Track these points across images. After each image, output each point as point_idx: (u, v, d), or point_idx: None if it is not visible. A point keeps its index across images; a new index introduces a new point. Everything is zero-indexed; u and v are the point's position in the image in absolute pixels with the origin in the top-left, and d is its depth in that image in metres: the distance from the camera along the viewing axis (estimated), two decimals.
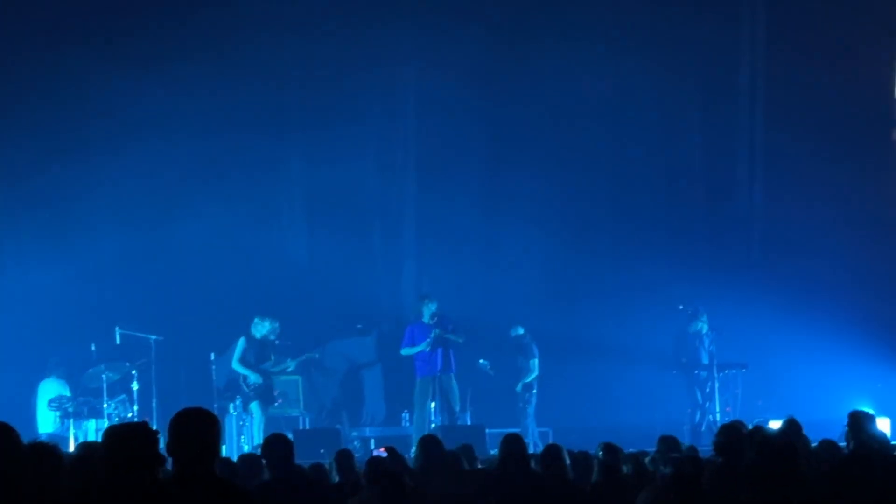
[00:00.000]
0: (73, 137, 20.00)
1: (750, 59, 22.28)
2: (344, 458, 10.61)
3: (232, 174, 21.03)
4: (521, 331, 19.76)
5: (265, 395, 18.31)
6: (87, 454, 6.93)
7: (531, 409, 19.51)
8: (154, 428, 5.96)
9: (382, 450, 10.54)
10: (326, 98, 21.25)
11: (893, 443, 10.39)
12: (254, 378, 18.19)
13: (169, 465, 6.14)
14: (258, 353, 18.35)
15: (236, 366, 18.35)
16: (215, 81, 20.42)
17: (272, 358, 18.40)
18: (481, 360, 19.49)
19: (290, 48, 20.83)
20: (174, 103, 20.09)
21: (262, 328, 18.37)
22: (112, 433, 5.96)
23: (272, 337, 18.47)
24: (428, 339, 18.39)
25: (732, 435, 8.85)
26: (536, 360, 19.58)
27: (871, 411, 9.83)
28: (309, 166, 21.71)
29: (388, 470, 9.44)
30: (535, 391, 19.58)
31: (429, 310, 18.74)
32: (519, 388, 19.50)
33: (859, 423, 9.47)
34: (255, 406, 18.24)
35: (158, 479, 5.81)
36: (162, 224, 20.20)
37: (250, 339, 18.37)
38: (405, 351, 18.76)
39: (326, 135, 21.33)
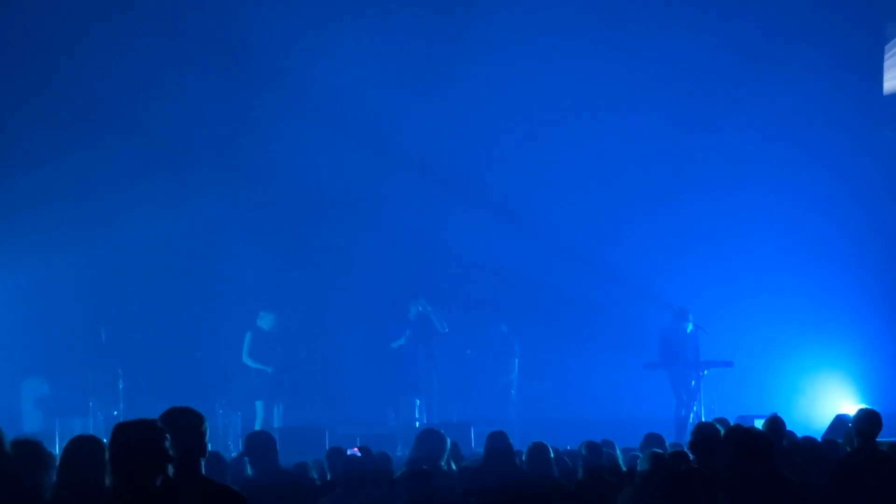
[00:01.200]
0: (62, 133, 19.96)
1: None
2: (335, 455, 10.62)
3: (217, 170, 20.99)
4: (503, 328, 19.83)
5: (275, 390, 18.30)
6: (78, 451, 6.85)
7: (513, 406, 19.60)
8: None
9: (356, 449, 10.50)
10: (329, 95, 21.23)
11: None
12: (269, 369, 18.25)
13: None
14: (266, 346, 18.39)
15: (247, 360, 18.39)
16: (203, 76, 20.42)
17: (278, 349, 18.48)
18: (468, 351, 19.56)
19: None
20: (163, 99, 20.09)
21: (268, 320, 18.43)
22: (121, 430, 5.81)
23: (277, 329, 18.54)
24: (406, 333, 18.46)
25: (706, 433, 8.83)
26: (517, 360, 19.66)
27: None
28: (296, 159, 21.64)
29: (354, 467, 9.39)
30: (514, 390, 19.66)
31: (414, 308, 18.78)
32: (499, 385, 19.58)
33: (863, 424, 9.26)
34: (259, 404, 18.25)
35: (169, 478, 5.67)
36: (148, 221, 20.16)
37: (257, 332, 18.43)
38: (394, 344, 18.83)
39: (315, 131, 21.27)
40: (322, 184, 21.42)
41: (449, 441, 10.45)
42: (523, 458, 9.89)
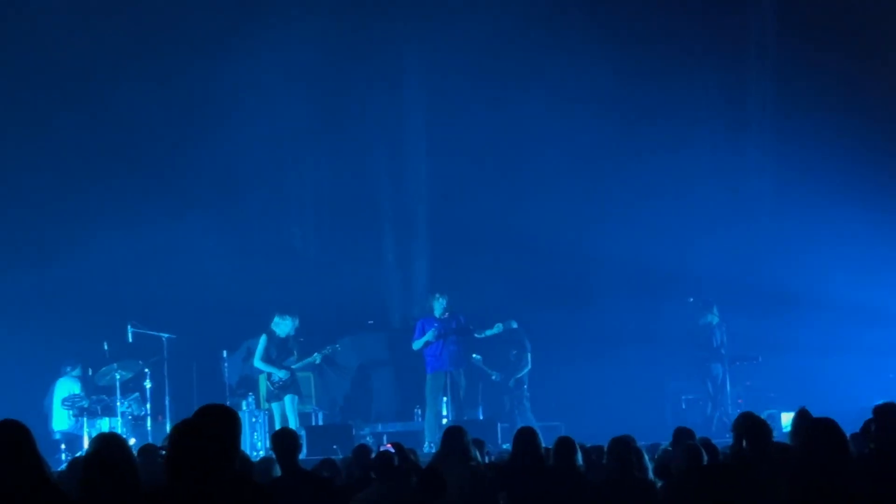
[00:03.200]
0: (86, 135, 20.04)
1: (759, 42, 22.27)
2: (361, 453, 10.63)
3: (242, 173, 21.03)
4: (514, 324, 19.80)
5: (288, 389, 18.28)
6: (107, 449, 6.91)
7: (527, 403, 19.59)
8: (167, 429, 5.89)
9: (389, 445, 10.55)
10: (336, 96, 21.26)
11: None
12: (278, 375, 18.20)
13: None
14: (280, 350, 18.34)
15: (258, 363, 18.33)
16: (225, 78, 20.47)
17: (295, 354, 18.42)
18: (475, 356, 19.54)
19: (300, 45, 20.85)
20: (183, 103, 20.14)
21: (283, 325, 18.36)
22: (177, 431, 5.85)
23: (293, 333, 18.49)
24: (433, 330, 18.45)
25: (753, 422, 8.84)
26: (529, 354, 19.65)
27: None
28: (318, 165, 21.72)
29: (386, 463, 9.44)
30: (526, 385, 19.66)
31: (440, 305, 18.78)
32: (511, 382, 19.57)
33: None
34: (276, 406, 18.25)
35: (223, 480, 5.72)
36: (173, 222, 20.22)
37: (271, 336, 18.37)
38: (415, 344, 18.81)
39: (336, 133, 21.36)
40: (343, 182, 21.50)
41: (469, 437, 10.48)
42: (550, 453, 9.86)
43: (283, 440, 9.33)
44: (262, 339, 18.31)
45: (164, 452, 6.32)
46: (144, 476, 6.78)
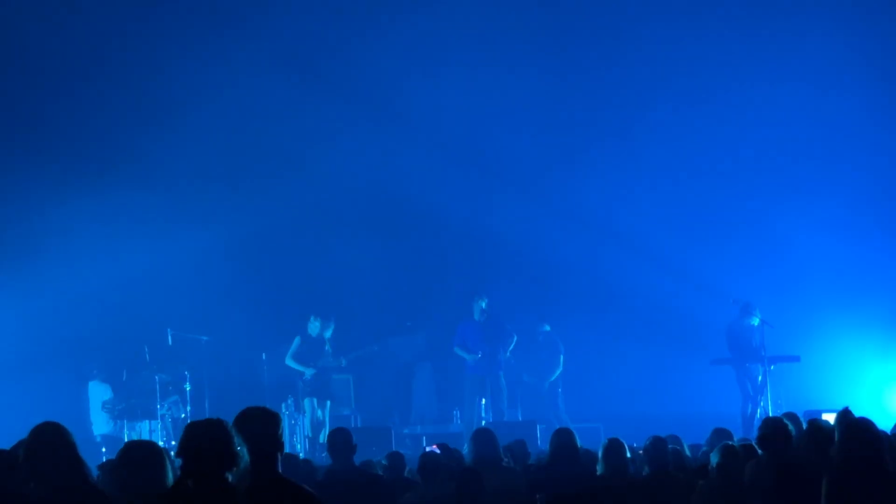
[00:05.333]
0: (124, 137, 20.15)
1: None
2: (395, 459, 10.66)
3: (279, 173, 21.08)
4: (546, 327, 19.82)
5: (321, 390, 18.41)
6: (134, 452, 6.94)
7: (562, 405, 19.61)
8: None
9: (435, 447, 10.58)
10: (374, 94, 21.27)
11: None
12: (308, 373, 18.32)
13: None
14: (313, 351, 18.48)
15: (289, 361, 18.55)
16: (253, 77, 20.55)
17: (330, 354, 18.56)
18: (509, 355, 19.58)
19: (328, 44, 20.90)
20: (221, 102, 20.22)
21: (316, 327, 18.55)
22: (191, 428, 5.94)
23: (327, 335, 18.62)
24: (474, 355, 18.56)
25: (775, 428, 8.78)
26: (562, 356, 19.68)
27: None
28: (355, 164, 21.75)
29: (434, 464, 9.50)
30: (561, 388, 19.68)
31: (478, 306, 18.80)
32: (546, 385, 19.59)
33: None
34: (307, 403, 18.36)
35: (228, 479, 5.79)
36: (212, 224, 20.31)
37: (305, 337, 18.57)
38: (457, 350, 18.89)
39: (374, 132, 21.37)
40: (378, 185, 21.53)
41: (498, 439, 10.49)
42: (599, 455, 9.78)
43: (339, 438, 9.49)
44: (297, 339, 18.59)
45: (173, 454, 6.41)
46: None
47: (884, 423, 11.81)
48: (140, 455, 6.68)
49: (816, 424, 9.13)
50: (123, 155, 20.06)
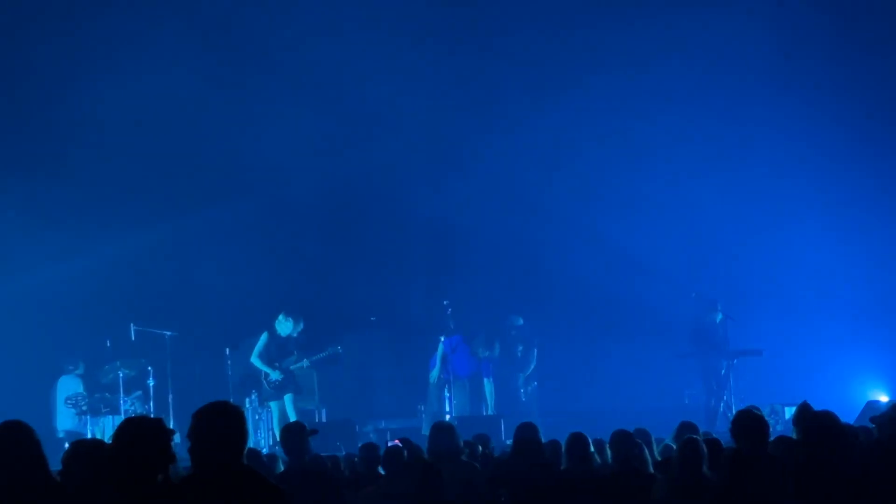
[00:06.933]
0: (83, 130, 20.02)
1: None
2: (369, 451, 10.64)
3: (246, 172, 21.02)
4: (520, 321, 19.78)
5: (285, 389, 18.29)
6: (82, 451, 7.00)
7: (534, 399, 19.60)
8: (171, 426, 6.01)
9: (397, 441, 10.57)
10: (340, 91, 21.23)
11: None
12: (274, 375, 18.21)
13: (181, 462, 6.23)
14: (280, 350, 18.33)
15: (255, 360, 18.36)
16: (232, 79, 20.53)
17: (295, 354, 18.42)
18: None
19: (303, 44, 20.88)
20: (188, 101, 20.13)
21: (286, 326, 18.35)
22: (123, 428, 6.02)
23: (295, 335, 18.46)
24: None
25: (748, 420, 8.82)
26: (536, 350, 19.64)
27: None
28: (321, 163, 21.72)
29: (395, 458, 9.49)
30: (536, 382, 19.66)
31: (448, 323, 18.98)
32: (521, 379, 19.55)
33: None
34: (274, 405, 18.27)
35: (169, 477, 5.87)
36: (175, 220, 20.24)
37: (273, 335, 18.36)
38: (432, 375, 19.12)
39: (339, 128, 21.33)
40: (338, 181, 21.51)
41: (463, 433, 10.51)
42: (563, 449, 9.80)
43: (293, 434, 9.39)
44: (264, 337, 18.35)
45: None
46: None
47: (845, 416, 11.91)
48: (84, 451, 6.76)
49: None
50: (90, 148, 19.94)
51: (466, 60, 21.60)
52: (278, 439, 17.35)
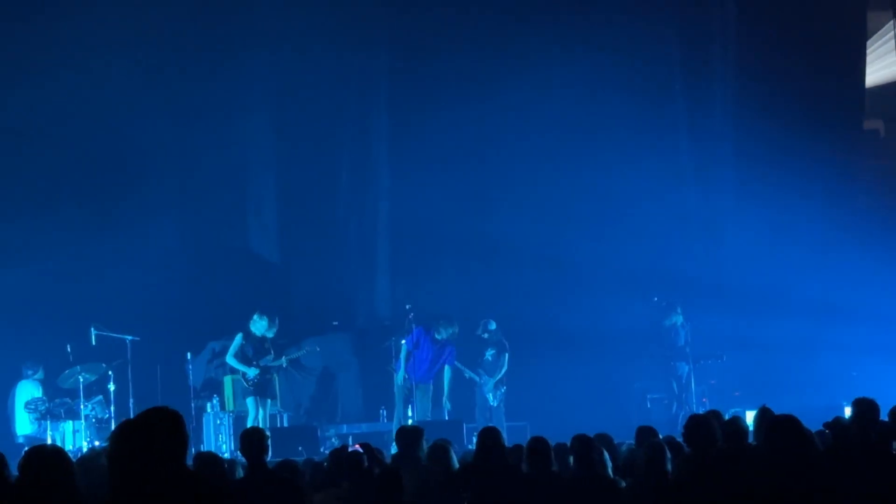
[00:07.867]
0: (45, 138, 19.89)
1: (721, 45, 22.41)
2: (337, 454, 10.59)
3: (204, 175, 20.93)
4: (493, 325, 19.71)
5: (265, 389, 18.24)
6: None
7: (502, 405, 19.53)
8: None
9: (358, 446, 10.54)
10: (299, 99, 21.21)
11: None
12: (251, 373, 18.16)
13: None
14: (256, 349, 18.29)
15: (231, 360, 18.31)
16: (190, 83, 20.42)
17: (272, 353, 18.38)
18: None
19: (263, 47, 20.84)
20: (145, 107, 20.05)
21: (260, 325, 18.31)
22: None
23: (270, 335, 18.41)
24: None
25: (700, 425, 8.89)
26: (507, 355, 19.57)
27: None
28: (280, 166, 21.68)
29: (355, 463, 9.47)
30: (505, 388, 19.60)
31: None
32: (491, 384, 19.47)
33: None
34: (250, 401, 18.20)
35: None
36: (136, 224, 20.14)
37: (248, 335, 18.32)
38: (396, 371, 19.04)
39: (299, 132, 21.32)
40: (297, 184, 21.50)
41: (424, 437, 10.50)
42: (524, 453, 9.81)
43: (252, 439, 9.32)
44: (238, 337, 18.32)
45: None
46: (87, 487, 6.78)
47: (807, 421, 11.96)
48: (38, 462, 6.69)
49: (737, 423, 9.29)
50: (49, 154, 19.82)
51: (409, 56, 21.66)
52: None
